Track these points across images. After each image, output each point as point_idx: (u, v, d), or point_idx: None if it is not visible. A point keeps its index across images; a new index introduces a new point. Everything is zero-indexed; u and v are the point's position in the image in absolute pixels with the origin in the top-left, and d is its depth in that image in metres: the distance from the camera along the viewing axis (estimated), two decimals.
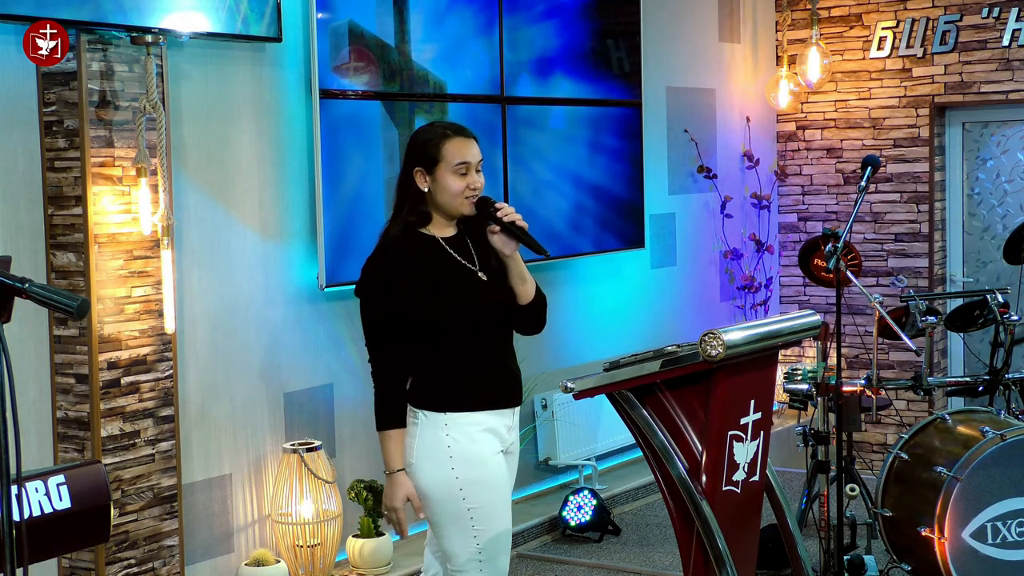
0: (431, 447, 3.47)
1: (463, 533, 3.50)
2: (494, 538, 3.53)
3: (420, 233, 3.55)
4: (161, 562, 4.58)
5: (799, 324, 4.06)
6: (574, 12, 6.54)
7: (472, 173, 3.55)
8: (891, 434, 7.72)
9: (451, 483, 3.46)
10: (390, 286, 3.44)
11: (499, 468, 3.55)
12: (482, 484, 3.49)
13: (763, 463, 4.00)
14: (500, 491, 3.55)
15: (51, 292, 2.43)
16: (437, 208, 3.55)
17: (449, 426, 3.46)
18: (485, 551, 3.51)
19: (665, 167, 7.36)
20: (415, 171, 3.53)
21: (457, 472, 3.46)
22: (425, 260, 3.49)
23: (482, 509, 3.49)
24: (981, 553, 4.77)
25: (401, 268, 3.46)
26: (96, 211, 4.37)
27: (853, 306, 7.51)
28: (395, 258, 3.47)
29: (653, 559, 5.86)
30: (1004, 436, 4.78)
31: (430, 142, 3.53)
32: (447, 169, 3.50)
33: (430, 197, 3.54)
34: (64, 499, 3.27)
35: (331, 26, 5.29)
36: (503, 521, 3.57)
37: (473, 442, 3.47)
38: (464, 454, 3.46)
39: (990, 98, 7.48)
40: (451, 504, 3.48)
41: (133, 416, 4.50)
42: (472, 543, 3.50)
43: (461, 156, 3.52)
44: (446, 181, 3.51)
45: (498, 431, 3.54)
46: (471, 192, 3.54)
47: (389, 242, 3.54)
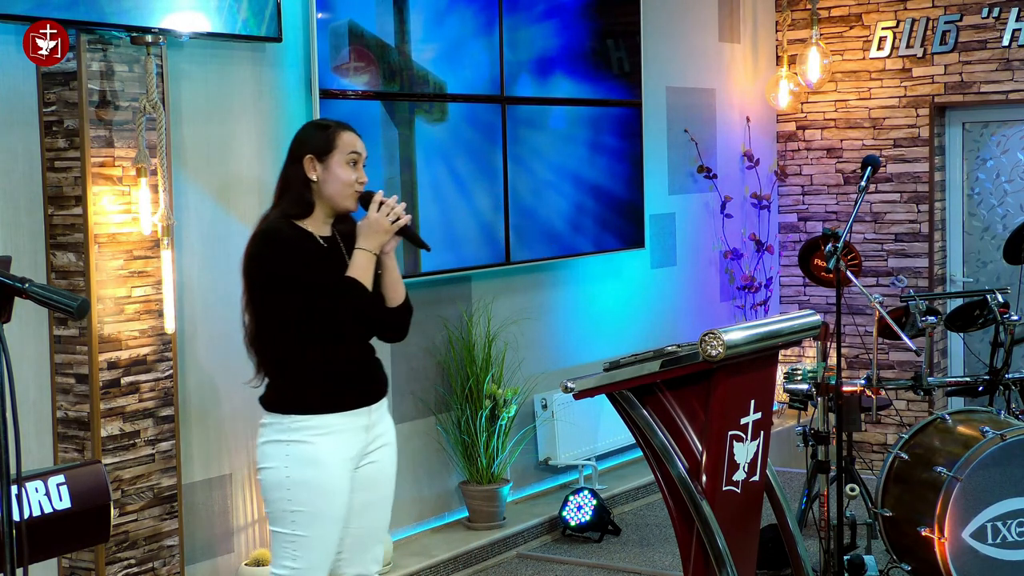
0: (274, 447, 3.46)
1: (283, 534, 3.47)
2: (311, 546, 3.46)
3: (297, 227, 3.51)
4: (161, 562, 4.58)
5: (799, 324, 4.06)
6: (574, 12, 6.54)
7: (360, 167, 3.56)
8: (891, 434, 7.72)
9: (281, 482, 3.44)
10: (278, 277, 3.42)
11: (338, 475, 3.47)
12: (312, 487, 3.43)
13: (763, 463, 4.00)
14: (333, 499, 3.47)
15: (51, 292, 2.43)
16: (321, 200, 3.53)
17: (292, 428, 3.44)
18: (300, 558, 3.46)
19: (665, 167, 7.36)
20: (306, 158, 3.52)
21: (289, 471, 3.43)
22: (302, 255, 3.46)
23: (306, 513, 3.44)
24: (981, 553, 4.77)
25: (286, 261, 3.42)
26: (96, 211, 4.37)
27: (853, 306, 7.51)
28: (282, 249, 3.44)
29: (653, 559, 5.86)
30: (1004, 436, 4.78)
31: (325, 131, 3.55)
32: (340, 158, 3.51)
33: (316, 188, 3.52)
34: (64, 499, 3.26)
35: (331, 26, 5.29)
36: (327, 530, 3.48)
37: (313, 444, 3.43)
38: (301, 455, 3.43)
39: (990, 98, 7.48)
40: (278, 503, 3.46)
41: (133, 416, 4.50)
42: (289, 547, 3.46)
43: (354, 146, 3.55)
44: (337, 171, 3.51)
45: (348, 433, 3.48)
46: (358, 186, 3.54)
47: (274, 226, 3.49)
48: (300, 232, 3.50)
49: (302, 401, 3.46)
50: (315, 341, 3.44)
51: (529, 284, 6.52)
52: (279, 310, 3.44)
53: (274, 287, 3.43)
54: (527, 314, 6.45)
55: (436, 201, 5.77)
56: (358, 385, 3.55)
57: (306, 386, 3.47)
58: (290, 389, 3.48)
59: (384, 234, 3.51)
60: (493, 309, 6.21)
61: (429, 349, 5.93)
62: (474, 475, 5.98)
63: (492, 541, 5.86)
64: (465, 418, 5.94)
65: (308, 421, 3.45)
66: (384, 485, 3.64)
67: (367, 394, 3.56)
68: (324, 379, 3.47)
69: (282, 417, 3.47)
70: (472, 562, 5.74)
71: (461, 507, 6.08)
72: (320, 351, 3.46)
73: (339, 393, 3.49)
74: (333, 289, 3.43)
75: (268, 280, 3.44)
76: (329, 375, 3.48)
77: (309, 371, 3.46)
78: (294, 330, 3.43)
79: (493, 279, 6.26)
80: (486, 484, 5.96)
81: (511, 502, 6.26)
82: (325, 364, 3.47)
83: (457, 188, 5.90)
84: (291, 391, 3.48)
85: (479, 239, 6.01)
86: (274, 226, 3.49)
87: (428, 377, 5.94)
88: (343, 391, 3.50)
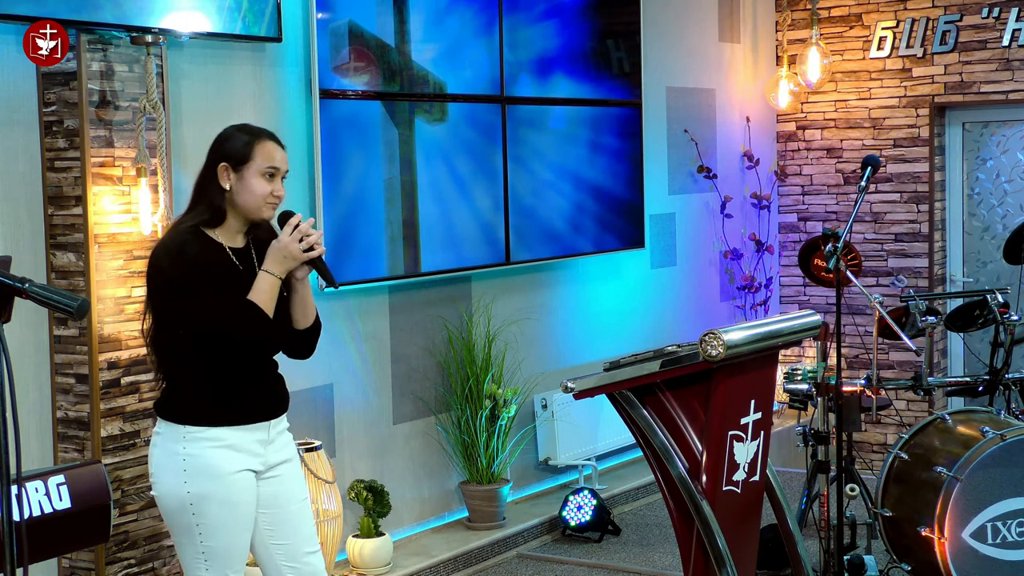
0: (168, 458, 3.38)
1: (192, 547, 3.40)
2: (222, 556, 3.40)
3: (207, 236, 3.41)
4: (161, 562, 4.58)
5: (799, 324, 4.07)
6: (574, 12, 6.54)
7: (278, 180, 3.44)
8: (891, 434, 7.72)
9: (182, 496, 3.36)
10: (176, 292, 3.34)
11: (240, 486, 3.40)
12: (214, 500, 3.36)
13: (763, 463, 4.00)
14: (237, 509, 3.40)
15: (51, 292, 2.43)
16: (234, 209, 3.42)
17: (187, 439, 3.36)
18: (212, 568, 3.40)
19: (665, 167, 7.36)
20: (220, 166, 3.40)
21: (189, 486, 3.35)
22: (207, 265, 3.37)
23: (211, 525, 3.37)
24: (981, 553, 4.77)
25: (188, 269, 3.33)
26: (96, 211, 4.37)
27: (853, 306, 7.51)
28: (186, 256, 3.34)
29: (653, 559, 5.86)
30: (1004, 436, 4.78)
31: (241, 140, 3.43)
32: (255, 170, 3.40)
33: (230, 196, 3.41)
34: (64, 499, 3.27)
35: (331, 26, 5.29)
36: (236, 540, 3.42)
37: (210, 457, 3.36)
38: (198, 467, 3.35)
39: (990, 98, 7.48)
40: (181, 516, 3.38)
41: (133, 416, 4.50)
42: (200, 558, 3.40)
43: (272, 160, 3.41)
44: (252, 182, 3.39)
45: (244, 447, 3.41)
46: (274, 199, 3.43)
47: (181, 239, 3.38)
48: (208, 244, 3.40)
49: (197, 412, 3.37)
50: (211, 356, 3.36)
51: (529, 284, 6.52)
52: (176, 323, 3.34)
53: (171, 300, 3.34)
54: (527, 314, 6.45)
55: (436, 201, 5.77)
56: (255, 400, 3.45)
57: (201, 398, 3.38)
58: (185, 399, 3.39)
59: (293, 261, 3.40)
60: (493, 309, 6.21)
61: (429, 349, 5.93)
62: (474, 475, 5.98)
63: (492, 541, 5.86)
64: (465, 418, 5.94)
65: (203, 433, 3.36)
66: (290, 501, 3.53)
67: (264, 409, 3.47)
68: (220, 392, 3.38)
69: (176, 427, 3.38)
70: (472, 562, 5.74)
71: (461, 507, 6.08)
72: (216, 365, 3.37)
73: (235, 407, 3.40)
74: (232, 310, 3.33)
75: (167, 292, 3.35)
76: (225, 389, 3.39)
77: (205, 383, 3.37)
78: (190, 343, 3.34)
79: (493, 279, 6.26)
80: (486, 484, 5.96)
81: (511, 502, 6.26)
82: (221, 378, 3.38)
83: (457, 188, 5.90)
84: (186, 401, 3.39)
85: (479, 239, 6.01)
86: (180, 239, 3.37)
87: (428, 377, 5.94)
88: (239, 405, 3.41)
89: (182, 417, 3.37)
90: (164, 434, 3.40)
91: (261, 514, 3.48)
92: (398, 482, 5.75)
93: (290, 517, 3.52)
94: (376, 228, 5.47)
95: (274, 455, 3.50)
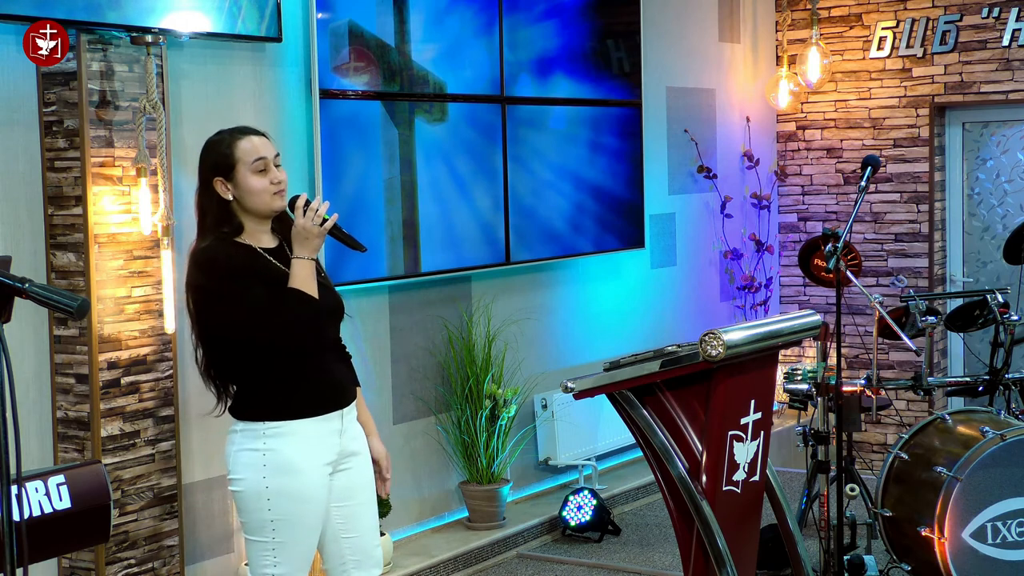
0: (248, 455, 3.40)
1: (262, 542, 3.42)
2: (291, 552, 3.43)
3: (236, 242, 3.41)
4: (161, 562, 4.58)
5: (799, 324, 4.07)
6: (574, 12, 6.54)
7: (272, 169, 3.43)
8: (891, 434, 7.72)
9: (260, 492, 3.38)
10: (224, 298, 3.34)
11: (315, 482, 3.42)
12: (291, 496, 3.39)
13: (763, 463, 4.00)
14: (311, 506, 3.43)
15: (51, 292, 2.43)
16: (248, 214, 3.43)
17: (267, 435, 3.39)
18: (280, 564, 3.42)
19: (665, 167, 7.37)
20: (215, 181, 3.40)
21: (268, 481, 3.38)
22: (242, 266, 3.37)
23: (285, 521, 3.40)
24: (981, 553, 4.77)
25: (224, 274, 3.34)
26: (96, 211, 4.37)
27: (853, 306, 7.51)
28: (218, 262, 3.35)
29: (653, 559, 5.86)
30: (1004, 436, 4.78)
31: (221, 148, 3.43)
32: (245, 169, 3.39)
33: (237, 205, 3.41)
34: (64, 499, 3.26)
35: (331, 26, 5.29)
36: (306, 537, 3.45)
37: (289, 452, 3.38)
38: (278, 463, 3.38)
39: (990, 98, 7.48)
40: (257, 513, 3.40)
41: (133, 416, 4.50)
42: (270, 554, 3.42)
43: (256, 153, 3.40)
44: (248, 182, 3.39)
45: (322, 439, 3.43)
46: (276, 187, 3.43)
47: (208, 251, 3.37)
48: (238, 248, 3.41)
49: (273, 407, 3.40)
50: (275, 350, 3.38)
51: (529, 284, 6.52)
52: (232, 328, 3.36)
53: (218, 310, 3.35)
54: (527, 314, 6.45)
55: (436, 201, 5.77)
56: (324, 389, 3.47)
57: (276, 393, 3.40)
58: (260, 396, 3.41)
59: (316, 238, 3.40)
60: (493, 309, 6.21)
61: (429, 349, 5.93)
62: (474, 475, 5.98)
63: (492, 541, 5.86)
64: (465, 418, 5.94)
65: (281, 428, 3.39)
66: (361, 492, 3.57)
67: (335, 398, 3.50)
68: (290, 387, 3.41)
69: (254, 424, 3.40)
70: (472, 562, 5.74)
71: (461, 507, 6.09)
72: (284, 358, 3.39)
73: (309, 398, 3.43)
74: (278, 302, 3.35)
75: (212, 304, 3.36)
76: (294, 382, 3.41)
77: (277, 378, 3.40)
78: (252, 342, 3.36)
79: (493, 279, 6.27)
80: (486, 484, 5.96)
81: (511, 502, 6.26)
82: (288, 372, 3.40)
83: (457, 188, 5.90)
84: (261, 398, 3.41)
85: (479, 239, 6.01)
86: (208, 251, 3.38)
87: (428, 377, 5.94)
88: (313, 396, 3.43)
89: (259, 415, 3.40)
90: (243, 432, 3.43)
91: (335, 508, 3.52)
92: (398, 482, 5.75)
93: (361, 510, 3.57)
94: (376, 228, 5.48)
95: (349, 444, 3.53)
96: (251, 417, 3.42)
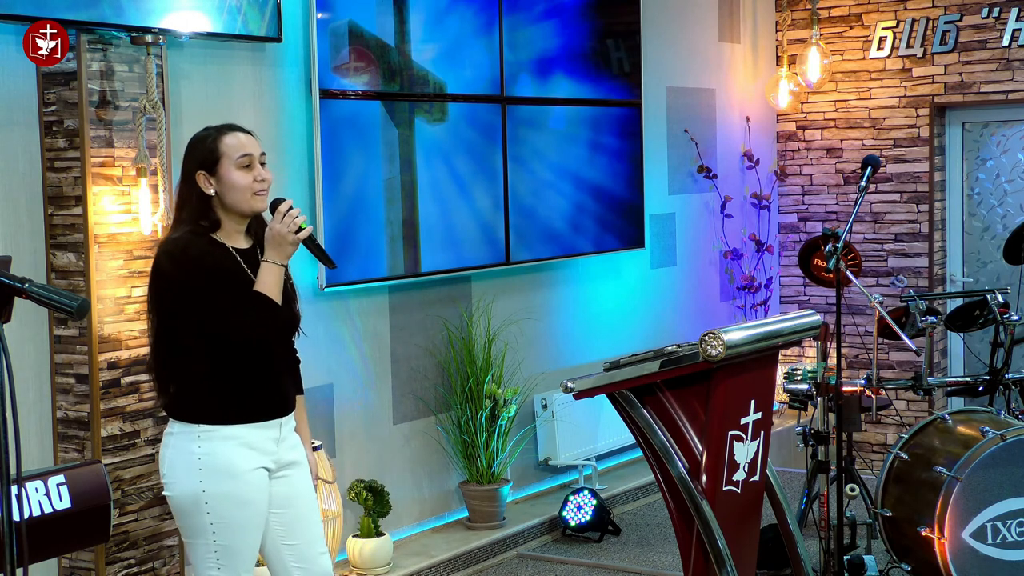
0: (183, 458, 3.36)
1: (204, 547, 3.39)
2: (235, 555, 3.40)
3: (211, 238, 3.39)
4: (161, 562, 4.58)
5: (799, 324, 4.07)
6: (574, 12, 6.54)
7: (257, 166, 3.41)
8: (891, 434, 7.72)
9: (198, 495, 3.35)
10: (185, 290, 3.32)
11: (255, 484, 3.39)
12: (230, 499, 3.36)
13: (763, 463, 4.00)
14: (251, 508, 3.40)
15: (51, 292, 2.43)
16: (227, 211, 3.40)
17: (202, 438, 3.35)
18: (224, 568, 3.39)
19: (665, 167, 7.36)
20: (197, 175, 3.38)
21: (205, 485, 3.34)
22: (213, 264, 3.36)
23: (225, 524, 3.36)
24: (981, 553, 4.77)
25: (194, 270, 3.31)
26: (96, 211, 4.37)
27: (853, 306, 7.51)
28: (189, 257, 3.32)
29: (653, 559, 5.86)
30: (1004, 436, 4.78)
31: (206, 141, 3.41)
32: (230, 164, 3.37)
33: (218, 201, 3.39)
34: (64, 499, 3.27)
35: (331, 26, 5.29)
36: (249, 539, 3.42)
37: (225, 455, 3.35)
38: (214, 466, 3.34)
39: (990, 98, 7.48)
40: (196, 517, 3.37)
41: (133, 416, 4.50)
42: (213, 558, 3.39)
43: (242, 149, 3.38)
44: (231, 177, 3.36)
45: (258, 445, 3.40)
46: (259, 185, 3.40)
47: (183, 242, 3.34)
48: (212, 244, 3.39)
49: (211, 411, 3.36)
50: (223, 353, 3.35)
51: (529, 284, 6.52)
52: (185, 325, 3.34)
53: (179, 303, 3.33)
54: (527, 314, 6.45)
55: (436, 201, 5.77)
56: (267, 397, 3.44)
57: (214, 396, 3.37)
58: (199, 398, 3.38)
59: (290, 245, 3.37)
60: (493, 309, 6.21)
61: (429, 349, 5.93)
62: (474, 475, 5.98)
63: (492, 541, 5.86)
64: (465, 418, 5.94)
65: (218, 431, 3.35)
66: (300, 502, 3.53)
67: (276, 406, 3.46)
68: (233, 390, 3.38)
69: (191, 426, 3.36)
70: (472, 562, 5.74)
71: (461, 507, 6.08)
72: (228, 363, 3.36)
73: (248, 404, 3.39)
74: (241, 305, 3.32)
75: (175, 296, 3.33)
76: (238, 386, 3.38)
77: (217, 382, 3.37)
78: (201, 343, 3.34)
79: (493, 279, 6.27)
80: (486, 484, 5.96)
81: (511, 502, 6.26)
82: (233, 375, 3.37)
83: (457, 188, 5.90)
84: (200, 400, 3.37)
85: (479, 239, 6.01)
86: (182, 242, 3.35)
87: (428, 377, 5.94)
88: (252, 402, 3.40)
89: (196, 416, 3.36)
90: (177, 434, 3.39)
91: (273, 514, 3.48)
92: (398, 482, 5.75)
93: (301, 517, 3.53)
94: (376, 228, 5.47)
95: (286, 453, 3.49)
96: (188, 418, 3.37)
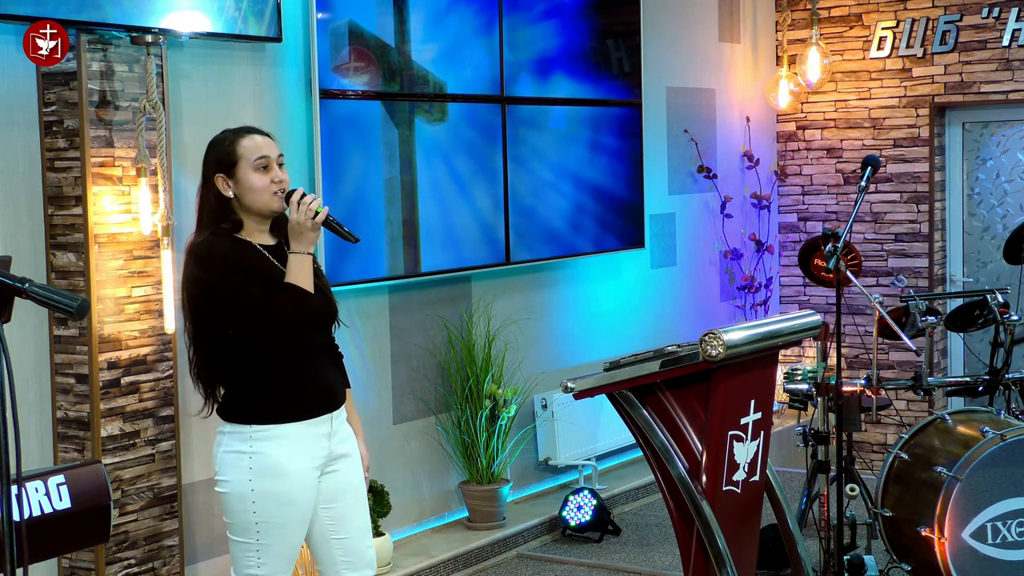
0: (235, 457, 3.40)
1: (246, 543, 3.43)
2: (275, 553, 3.43)
3: (234, 238, 3.43)
4: (161, 562, 4.58)
5: (799, 324, 4.07)
6: (574, 12, 6.54)
7: (274, 168, 3.45)
8: (891, 434, 7.72)
9: (246, 494, 3.39)
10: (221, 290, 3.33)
11: (302, 484, 3.42)
12: (276, 498, 3.39)
13: (763, 463, 4.00)
14: (296, 508, 3.43)
15: (51, 292, 2.43)
16: (248, 212, 3.44)
17: (253, 438, 3.39)
18: (264, 566, 3.42)
19: (665, 167, 7.37)
20: (216, 178, 3.42)
21: (254, 484, 3.38)
22: (240, 259, 3.38)
23: (270, 523, 3.40)
24: (981, 553, 4.77)
25: (222, 267, 3.34)
26: (96, 211, 4.37)
27: (853, 306, 7.51)
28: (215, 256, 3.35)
29: (653, 559, 5.86)
30: (1004, 436, 4.78)
31: (223, 144, 3.45)
32: (247, 167, 3.41)
33: (237, 203, 3.43)
34: (64, 499, 3.26)
35: (331, 26, 5.29)
36: (291, 538, 3.45)
37: (276, 455, 3.38)
38: (264, 466, 3.38)
39: (990, 98, 7.48)
40: (242, 515, 3.41)
41: (133, 416, 4.50)
42: (254, 555, 3.42)
43: (259, 151, 3.42)
44: (249, 179, 3.41)
45: (310, 442, 3.43)
46: (276, 187, 3.43)
47: (206, 244, 3.38)
48: (237, 242, 3.43)
49: (261, 411, 3.39)
50: (266, 350, 3.37)
51: (529, 284, 6.52)
52: (223, 323, 3.35)
53: (214, 303, 3.34)
54: (527, 314, 6.45)
55: (436, 201, 5.77)
56: (315, 393, 3.46)
57: (264, 396, 3.40)
58: (249, 398, 3.41)
59: (311, 232, 3.40)
60: (493, 309, 6.21)
61: (429, 349, 5.93)
62: (474, 475, 5.98)
63: (492, 541, 5.86)
64: (465, 418, 5.94)
65: (269, 431, 3.39)
66: (350, 494, 3.56)
67: (325, 402, 3.49)
68: (281, 390, 3.40)
69: (242, 427, 3.40)
70: (472, 562, 5.74)
71: (461, 507, 6.09)
72: (276, 359, 3.39)
73: (298, 402, 3.42)
74: (274, 295, 3.34)
75: (209, 295, 3.35)
76: (285, 385, 3.41)
77: (266, 380, 3.40)
78: (243, 341, 3.35)
79: (493, 279, 6.27)
80: (486, 484, 5.96)
81: (511, 502, 6.26)
82: (280, 375, 3.40)
83: (457, 188, 5.90)
84: (250, 400, 3.41)
85: (479, 239, 6.01)
86: (206, 244, 3.39)
87: (428, 377, 5.94)
88: (302, 400, 3.43)
89: (247, 417, 3.40)
90: (230, 434, 3.43)
91: (323, 509, 3.52)
92: (398, 482, 5.75)
93: (351, 511, 3.56)
94: (376, 228, 5.47)
95: (338, 447, 3.52)
96: (239, 419, 3.42)
